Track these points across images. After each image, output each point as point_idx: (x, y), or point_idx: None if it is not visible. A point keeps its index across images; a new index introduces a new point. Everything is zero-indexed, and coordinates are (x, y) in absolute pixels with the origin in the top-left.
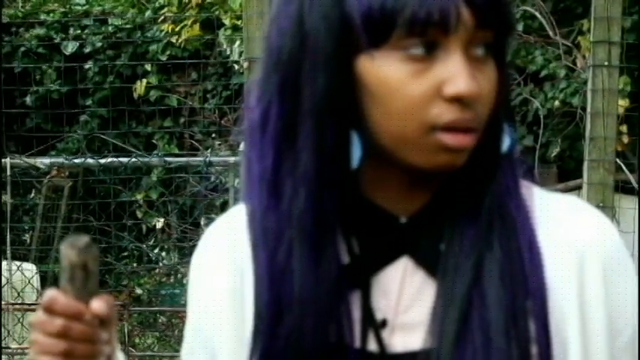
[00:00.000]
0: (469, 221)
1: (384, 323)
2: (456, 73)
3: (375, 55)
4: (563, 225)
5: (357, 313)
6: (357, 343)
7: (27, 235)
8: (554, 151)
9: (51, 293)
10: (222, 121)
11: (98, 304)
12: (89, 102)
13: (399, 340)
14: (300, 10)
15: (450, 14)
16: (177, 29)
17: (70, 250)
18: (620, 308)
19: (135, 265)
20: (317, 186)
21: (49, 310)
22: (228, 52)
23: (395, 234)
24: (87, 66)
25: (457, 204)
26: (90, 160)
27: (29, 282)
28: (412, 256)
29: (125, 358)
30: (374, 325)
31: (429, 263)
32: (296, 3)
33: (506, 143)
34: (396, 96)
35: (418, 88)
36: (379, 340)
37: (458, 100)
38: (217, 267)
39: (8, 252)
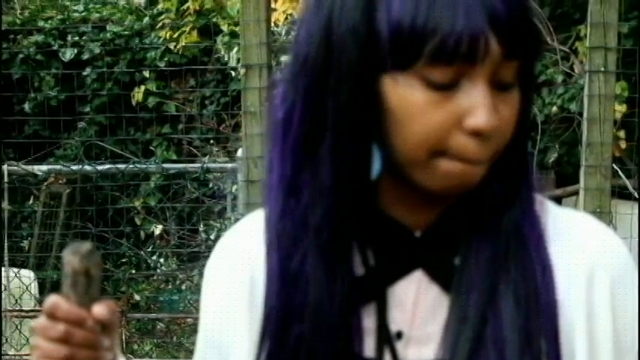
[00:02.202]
0: (485, 239)
1: (399, 335)
2: (477, 105)
3: (398, 79)
4: (574, 241)
5: (369, 324)
6: (370, 354)
7: (25, 242)
8: (552, 157)
9: (53, 299)
10: (220, 128)
11: (100, 310)
12: (87, 109)
13: (414, 352)
14: (329, 19)
15: (479, 46)
16: (175, 36)
17: (72, 256)
18: (627, 326)
19: (133, 271)
20: (336, 201)
21: (52, 315)
22: (226, 59)
23: (409, 248)
24: (85, 73)
25: (473, 219)
26: (88, 167)
27: (27, 289)
28: (426, 270)
29: None
30: (389, 337)
31: (444, 278)
32: (326, 10)
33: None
34: (415, 122)
35: (438, 117)
36: (393, 352)
37: (477, 134)
38: (231, 272)
39: (6, 259)
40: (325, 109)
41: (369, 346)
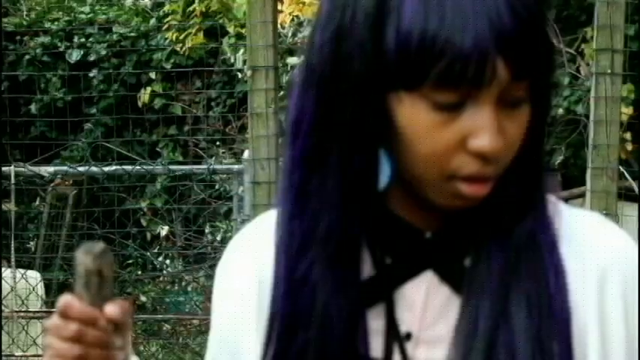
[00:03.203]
0: (497, 243)
1: (408, 336)
2: (482, 127)
3: (403, 98)
4: (586, 243)
5: (378, 325)
6: (379, 355)
7: (31, 243)
8: (558, 159)
9: (66, 298)
10: (226, 129)
11: (112, 310)
12: (93, 110)
13: (423, 353)
14: (340, 30)
15: (486, 70)
16: (181, 37)
17: (85, 256)
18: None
19: (139, 272)
20: (342, 211)
21: (64, 314)
22: (232, 61)
23: (420, 248)
24: (91, 74)
25: (485, 223)
26: (94, 169)
27: (33, 290)
28: (437, 271)
29: None
30: (398, 337)
31: (454, 279)
32: (336, 21)
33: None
34: (421, 142)
35: (443, 138)
36: (403, 353)
37: (481, 155)
38: (242, 272)
39: (12, 260)
40: (333, 120)
41: (377, 347)
